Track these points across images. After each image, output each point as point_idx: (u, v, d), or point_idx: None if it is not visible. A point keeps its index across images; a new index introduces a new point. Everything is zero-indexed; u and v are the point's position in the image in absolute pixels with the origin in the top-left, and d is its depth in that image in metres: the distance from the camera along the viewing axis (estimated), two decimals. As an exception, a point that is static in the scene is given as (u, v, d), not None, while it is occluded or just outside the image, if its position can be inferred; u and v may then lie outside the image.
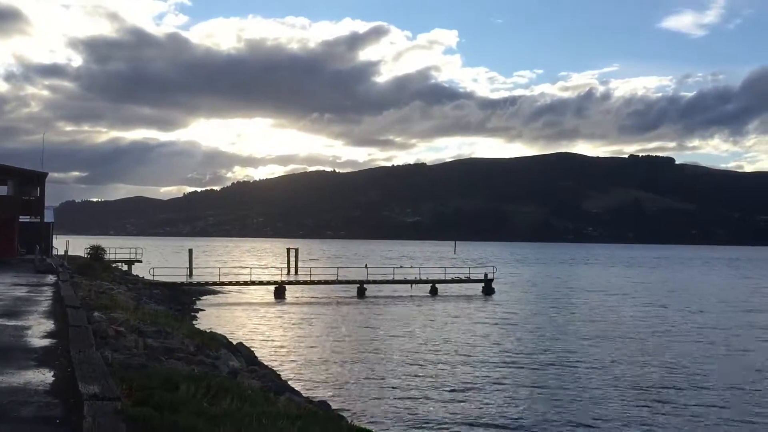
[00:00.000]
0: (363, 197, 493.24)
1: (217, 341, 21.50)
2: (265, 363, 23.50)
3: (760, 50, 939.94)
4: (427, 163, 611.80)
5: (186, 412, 9.46)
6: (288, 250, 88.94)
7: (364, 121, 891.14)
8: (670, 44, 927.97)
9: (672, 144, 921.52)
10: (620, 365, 26.15)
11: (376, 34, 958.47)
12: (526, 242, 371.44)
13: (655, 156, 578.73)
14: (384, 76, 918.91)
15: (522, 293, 62.04)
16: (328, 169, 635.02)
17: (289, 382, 20.88)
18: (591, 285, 74.74)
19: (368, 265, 77.37)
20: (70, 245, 62.61)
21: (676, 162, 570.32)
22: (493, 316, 42.58)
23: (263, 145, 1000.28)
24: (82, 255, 58.74)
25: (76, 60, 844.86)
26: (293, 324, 37.86)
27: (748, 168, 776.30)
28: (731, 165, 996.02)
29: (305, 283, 57.70)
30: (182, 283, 52.48)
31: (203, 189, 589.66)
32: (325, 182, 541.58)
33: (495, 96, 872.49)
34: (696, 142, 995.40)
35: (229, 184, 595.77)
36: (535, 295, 60.84)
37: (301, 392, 19.35)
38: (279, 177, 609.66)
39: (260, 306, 47.03)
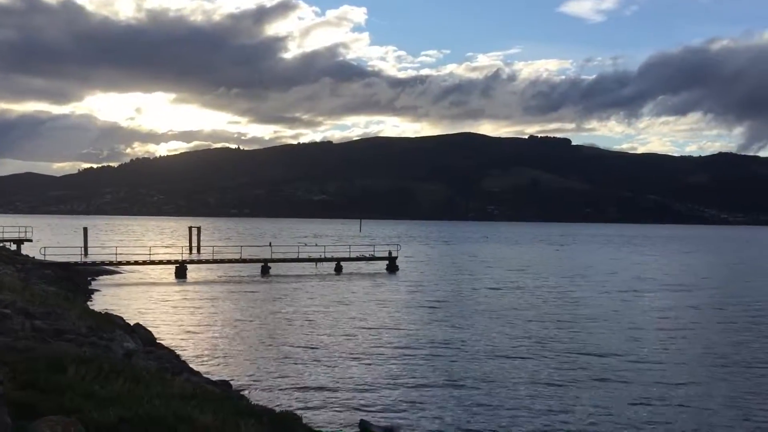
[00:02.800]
0: (269, 175, 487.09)
1: (112, 322, 20.89)
2: (164, 344, 23.05)
3: (657, 35, 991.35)
4: (334, 142, 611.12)
5: (74, 394, 9.19)
6: (190, 228, 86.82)
7: (270, 97, 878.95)
8: (570, 28, 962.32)
9: (571, 125, 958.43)
10: (518, 346, 26.74)
11: (284, 9, 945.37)
12: (430, 220, 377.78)
13: (553, 137, 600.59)
14: (291, 52, 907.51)
15: (425, 270, 63.22)
16: (233, 146, 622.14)
17: (189, 363, 20.58)
18: (492, 263, 76.99)
19: (273, 244, 76.78)
20: (-48, 224, 58.81)
21: (573, 143, 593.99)
22: (396, 294, 43.23)
23: (165, 120, 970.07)
24: (-34, 234, 55.33)
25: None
26: (195, 304, 37.15)
27: (641, 149, 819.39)
28: (625, 146, 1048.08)
29: (208, 261, 56.67)
30: (76, 263, 50.36)
31: (100, 165, 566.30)
32: (230, 159, 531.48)
33: (402, 75, 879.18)
34: (593, 124, 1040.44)
35: (127, 160, 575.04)
36: (437, 272, 62.13)
37: (201, 372, 19.12)
38: (181, 153, 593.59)
39: (160, 286, 45.85)
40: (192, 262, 56.25)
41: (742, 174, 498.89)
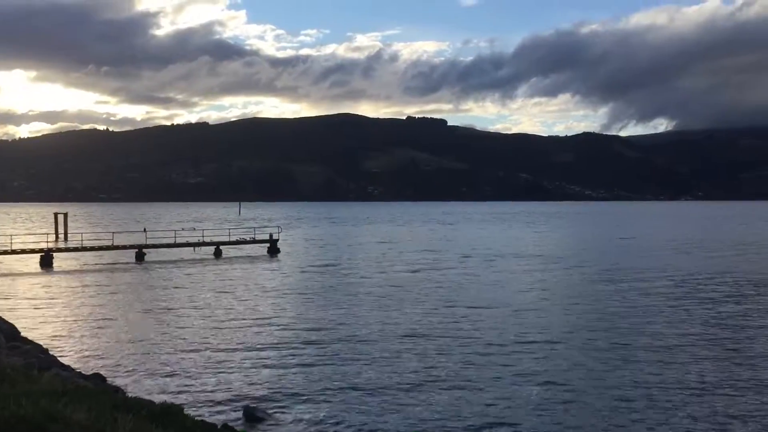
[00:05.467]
0: (141, 158, 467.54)
1: (-31, 318, 19.34)
2: (30, 338, 21.63)
3: (531, 18, 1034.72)
4: (210, 123, 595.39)
5: (-74, 399, 8.42)
6: (56, 215, 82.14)
7: (142, 76, 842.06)
8: (446, 10, 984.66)
9: (449, 106, 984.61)
10: (402, 329, 26.83)
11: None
12: (310, 202, 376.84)
13: (430, 118, 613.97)
14: (164, 29, 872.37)
15: (306, 252, 62.99)
16: (101, 127, 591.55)
17: (59, 357, 19.50)
18: (374, 243, 77.82)
19: (147, 229, 73.97)
20: None
21: (449, 124, 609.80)
22: (277, 278, 42.81)
23: (25, 99, 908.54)
24: None
25: None
26: (63, 294, 35.11)
27: (514, 129, 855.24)
28: (499, 126, 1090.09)
29: (76, 249, 53.71)
30: (-74, 255, 46.31)
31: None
32: (99, 142, 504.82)
33: (281, 55, 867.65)
34: (470, 105, 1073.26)
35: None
36: (319, 254, 62.04)
37: (72, 367, 18.15)
38: (44, 135, 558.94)
39: (24, 276, 42.98)
40: (59, 250, 53.19)
41: (604, 152, 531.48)
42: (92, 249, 53.87)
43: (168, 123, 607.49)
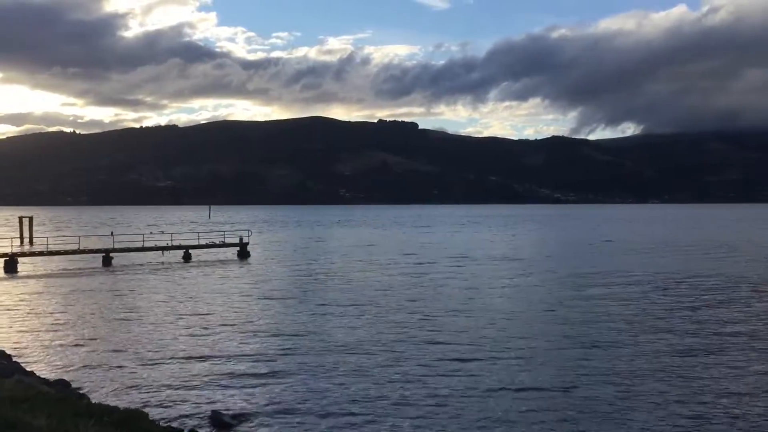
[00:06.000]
0: (109, 161, 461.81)
1: (-72, 324, 18.91)
2: (-8, 344, 21.23)
3: (502, 22, 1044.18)
4: (180, 126, 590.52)
5: None
6: (20, 218, 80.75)
7: (111, 78, 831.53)
8: (417, 14, 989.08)
9: (420, 109, 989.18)
10: (371, 334, 26.82)
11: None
12: (282, 205, 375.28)
13: (401, 121, 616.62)
14: (133, 30, 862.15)
15: (277, 256, 62.64)
16: (68, 129, 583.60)
17: (22, 364, 19.16)
18: (342, 247, 77.71)
19: (114, 233, 73.08)
20: None
21: (421, 127, 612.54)
22: (247, 281, 42.51)
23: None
24: None
25: None
26: (28, 299, 34.48)
27: (485, 133, 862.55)
28: (470, 130, 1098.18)
29: (42, 254, 52.78)
30: None
31: None
32: (65, 144, 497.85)
33: (252, 57, 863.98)
34: (442, 108, 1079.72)
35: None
36: (289, 257, 61.74)
37: (36, 373, 17.85)
38: (10, 138, 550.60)
39: (-13, 282, 42.11)
40: (24, 254, 52.29)
41: (573, 156, 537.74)
42: (58, 253, 52.97)
43: (137, 125, 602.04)
